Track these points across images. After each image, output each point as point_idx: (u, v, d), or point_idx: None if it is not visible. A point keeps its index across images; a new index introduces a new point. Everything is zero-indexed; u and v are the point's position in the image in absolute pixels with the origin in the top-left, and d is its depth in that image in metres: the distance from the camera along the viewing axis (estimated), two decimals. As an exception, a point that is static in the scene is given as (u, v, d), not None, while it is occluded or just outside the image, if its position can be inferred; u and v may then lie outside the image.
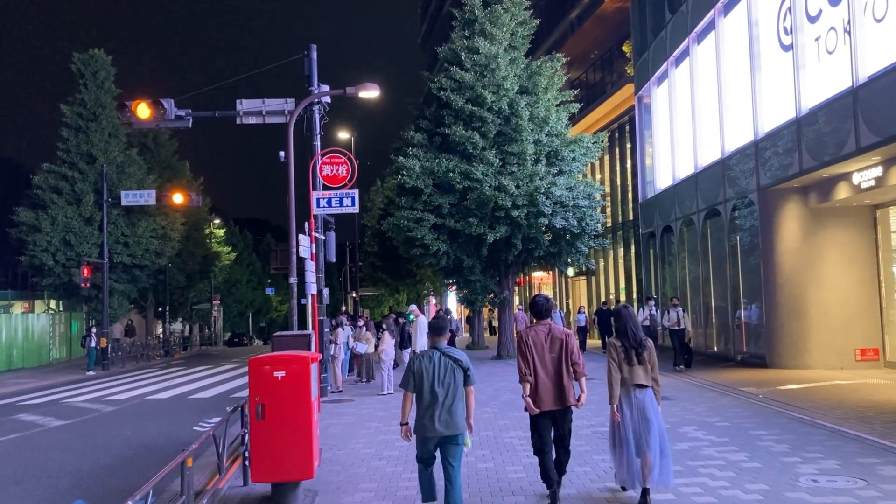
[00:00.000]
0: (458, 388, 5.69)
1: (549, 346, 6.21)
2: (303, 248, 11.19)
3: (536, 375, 6.19)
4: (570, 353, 6.24)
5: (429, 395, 5.66)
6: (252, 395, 6.78)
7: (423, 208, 20.98)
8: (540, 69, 22.25)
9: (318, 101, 14.84)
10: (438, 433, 5.63)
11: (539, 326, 6.34)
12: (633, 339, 6.26)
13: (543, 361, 6.19)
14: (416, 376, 5.74)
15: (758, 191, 16.29)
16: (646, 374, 6.23)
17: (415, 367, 5.77)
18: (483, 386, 15.30)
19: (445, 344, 5.90)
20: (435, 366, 5.70)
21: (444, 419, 5.62)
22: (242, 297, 67.12)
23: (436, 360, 5.72)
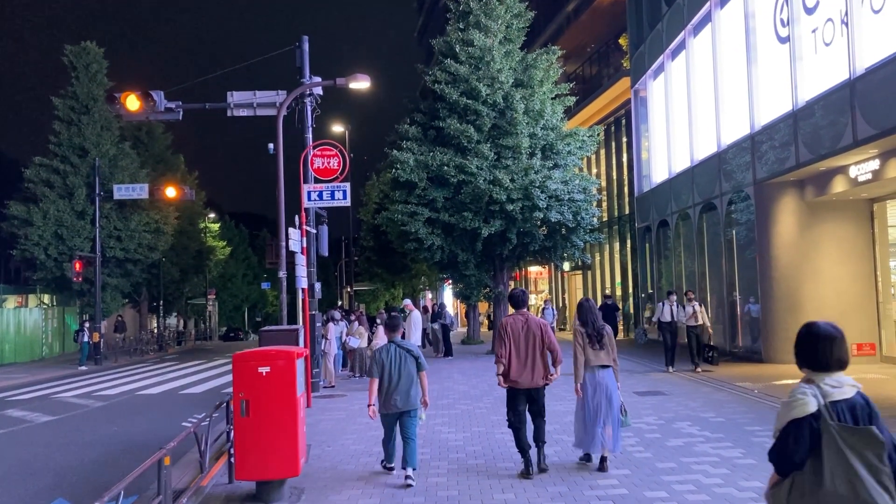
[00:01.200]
0: (412, 374, 7.10)
1: (524, 334, 7.08)
2: (293, 241, 11.03)
3: (512, 358, 7.08)
4: (548, 343, 7.15)
5: (388, 381, 7.05)
6: (236, 392, 6.64)
7: (417, 202, 20.81)
8: (535, 62, 22.06)
9: (309, 93, 14.65)
10: (397, 409, 7.05)
11: (517, 315, 7.24)
12: (593, 326, 7.35)
13: (518, 346, 7.06)
14: (379, 366, 7.10)
15: (754, 184, 16.16)
16: (607, 355, 7.30)
17: (377, 359, 7.15)
18: (477, 381, 15.17)
19: (399, 338, 7.34)
20: (392, 357, 7.11)
21: (402, 398, 7.03)
22: (238, 292, 66.88)
23: (392, 352, 7.15)
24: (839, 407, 2.83)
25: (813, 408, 2.81)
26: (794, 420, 2.84)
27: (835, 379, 2.89)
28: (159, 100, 15.02)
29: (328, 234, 16.40)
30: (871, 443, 2.75)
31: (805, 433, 2.81)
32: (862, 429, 2.79)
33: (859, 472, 2.72)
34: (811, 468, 2.81)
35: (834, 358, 2.91)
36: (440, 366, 18.83)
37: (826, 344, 2.93)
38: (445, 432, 9.67)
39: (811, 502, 2.79)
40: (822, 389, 2.86)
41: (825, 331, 2.97)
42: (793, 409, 2.85)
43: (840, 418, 2.81)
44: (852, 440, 2.76)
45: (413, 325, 16.13)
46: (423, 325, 23.53)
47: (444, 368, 18.08)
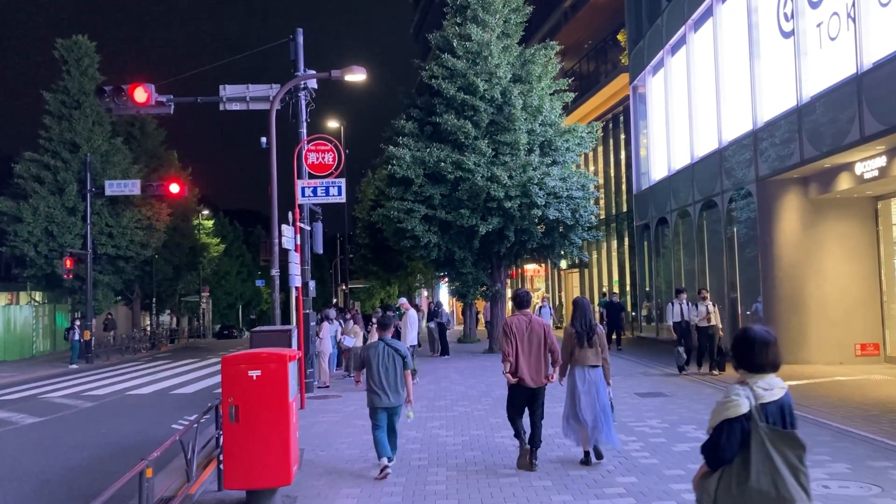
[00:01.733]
0: (399, 371, 7.35)
1: (528, 334, 7.24)
2: (286, 238, 10.72)
3: (517, 357, 7.22)
4: (549, 343, 7.32)
5: (377, 377, 7.30)
6: (225, 396, 6.33)
7: (413, 199, 20.51)
8: (533, 57, 21.77)
9: (304, 86, 14.33)
10: (384, 405, 7.32)
11: (520, 316, 7.41)
12: (586, 325, 7.47)
13: (523, 345, 7.21)
14: (366, 362, 7.41)
15: (756, 181, 15.89)
16: (595, 355, 7.46)
17: (364, 356, 7.49)
18: (474, 381, 14.88)
19: (389, 337, 7.60)
20: (380, 354, 7.35)
21: (389, 396, 7.31)
22: (232, 289, 66.47)
23: (381, 349, 7.38)
24: (769, 408, 3.04)
25: (745, 409, 3.02)
26: (727, 419, 3.04)
27: (767, 381, 3.09)
28: (151, 93, 14.67)
29: (322, 231, 16.10)
30: (795, 445, 3.00)
31: (736, 432, 3.02)
32: (788, 432, 3.01)
33: (781, 472, 2.95)
34: (739, 464, 3.02)
35: (767, 361, 3.12)
36: (436, 365, 18.53)
37: (761, 348, 3.12)
38: (443, 436, 9.37)
39: (737, 495, 3.01)
40: (754, 392, 3.06)
41: (760, 335, 3.16)
42: (727, 409, 3.05)
43: (769, 419, 3.03)
44: (778, 441, 2.98)
45: (409, 323, 15.82)
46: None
47: (440, 368, 17.79)
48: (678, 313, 14.89)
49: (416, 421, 10.44)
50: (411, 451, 8.46)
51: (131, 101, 14.73)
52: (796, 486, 2.96)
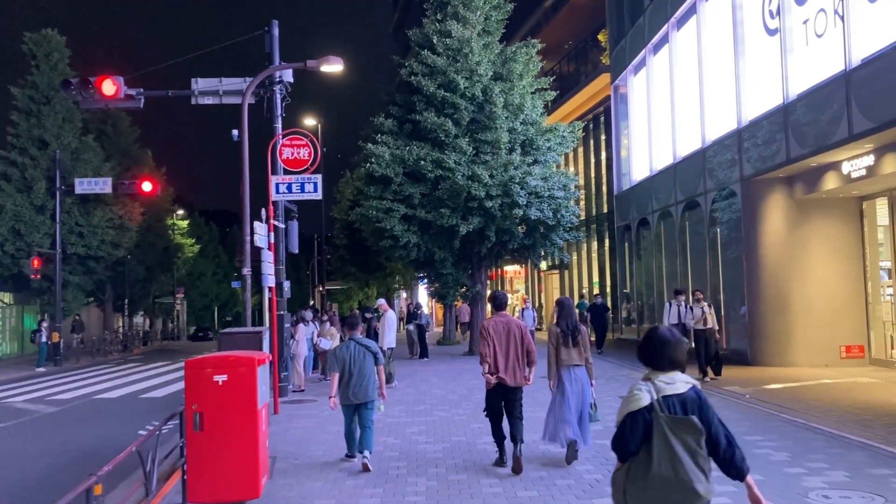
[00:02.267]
0: (370, 368, 7.62)
1: (505, 335, 7.27)
2: (259, 236, 10.26)
3: (495, 358, 7.25)
4: (527, 344, 7.34)
5: (348, 374, 7.56)
6: (189, 403, 5.89)
7: (392, 198, 20.06)
8: (515, 55, 21.43)
9: (279, 80, 13.86)
10: (356, 401, 7.59)
11: (498, 318, 7.44)
12: (570, 325, 7.57)
13: (501, 346, 7.25)
14: (340, 362, 7.61)
15: (741, 181, 15.66)
16: (580, 355, 7.55)
17: (337, 354, 7.70)
18: (454, 385, 14.48)
19: (358, 335, 7.90)
20: (351, 352, 7.63)
21: (359, 391, 7.56)
22: (208, 291, 65.51)
23: (352, 348, 7.67)
24: (671, 401, 3.21)
25: (646, 402, 3.19)
26: (629, 413, 3.22)
27: (668, 377, 3.27)
28: (120, 86, 14.13)
29: (298, 230, 15.64)
30: (692, 430, 3.13)
31: (639, 424, 3.18)
32: (684, 418, 3.15)
33: (680, 456, 3.10)
34: (643, 453, 3.17)
35: (667, 359, 3.31)
36: (415, 368, 18.11)
37: (662, 347, 3.32)
38: (423, 442, 8.96)
39: (642, 484, 3.16)
40: (656, 386, 3.24)
41: (662, 335, 3.36)
42: (629, 403, 3.24)
43: (671, 411, 3.18)
44: (676, 427, 3.13)
45: (387, 325, 15.39)
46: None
47: (419, 371, 17.37)
48: (675, 315, 14.20)
49: (395, 426, 10.04)
50: (389, 459, 8.04)
51: (99, 94, 14.18)
52: (695, 469, 3.11)
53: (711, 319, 13.53)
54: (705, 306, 13.59)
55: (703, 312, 13.52)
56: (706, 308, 13.58)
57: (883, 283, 14.48)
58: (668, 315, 14.33)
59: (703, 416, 3.20)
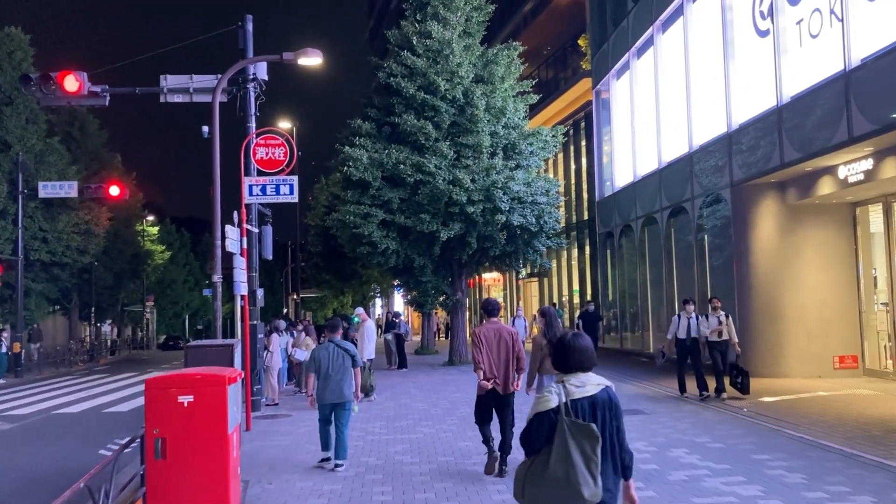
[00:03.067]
0: (347, 370, 7.96)
1: (496, 342, 7.26)
2: (230, 241, 9.56)
3: (488, 364, 7.23)
4: (517, 351, 7.32)
5: (325, 375, 7.86)
6: (149, 427, 5.19)
7: (370, 203, 19.40)
8: (496, 58, 20.92)
9: (252, 76, 13.17)
10: (332, 401, 7.88)
11: (489, 325, 7.43)
12: (555, 333, 7.47)
13: (492, 354, 7.24)
14: (317, 362, 7.93)
15: (731, 186, 15.23)
16: None
17: (316, 356, 8.02)
18: (436, 398, 13.82)
19: (338, 338, 8.15)
20: (330, 354, 7.95)
21: (336, 391, 7.85)
22: (179, 299, 64.10)
23: (331, 350, 7.98)
24: (580, 403, 3.38)
25: (554, 404, 3.37)
26: (537, 413, 3.39)
27: (579, 380, 3.45)
28: (83, 82, 13.33)
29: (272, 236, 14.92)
30: (589, 436, 3.27)
31: (544, 424, 3.35)
32: (584, 424, 3.30)
33: (574, 459, 3.24)
34: (545, 452, 3.32)
35: (574, 362, 3.48)
36: (394, 379, 17.43)
37: (570, 352, 3.50)
38: (408, 463, 8.30)
39: (538, 481, 3.32)
40: (566, 389, 3.41)
41: (570, 342, 3.54)
42: (539, 404, 3.41)
43: (578, 413, 3.35)
44: (576, 433, 3.28)
45: (367, 335, 14.71)
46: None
47: (398, 383, 16.69)
48: (684, 328, 12.38)
49: (376, 445, 9.37)
50: (372, 483, 7.38)
51: (61, 90, 13.35)
52: (585, 474, 3.24)
53: (729, 331, 12.21)
54: (722, 315, 12.25)
55: (720, 322, 12.17)
56: (723, 318, 12.21)
57: (877, 292, 14.11)
58: (677, 328, 12.51)
59: (613, 416, 3.43)
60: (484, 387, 7.20)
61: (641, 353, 20.70)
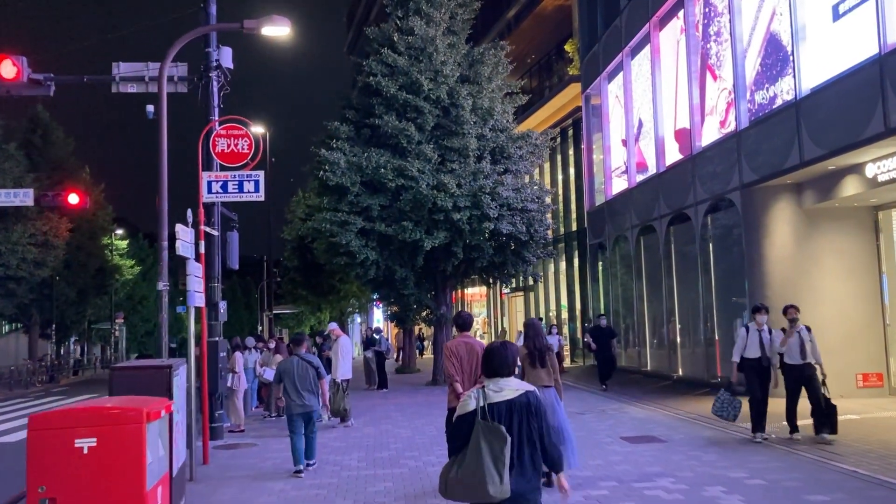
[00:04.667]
0: (313, 381, 8.47)
1: (468, 356, 7.09)
2: (182, 243, 8.13)
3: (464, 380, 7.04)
4: None
5: (292, 387, 8.36)
6: (32, 485, 3.72)
7: (349, 210, 17.99)
8: (482, 57, 19.72)
9: (215, 63, 11.76)
10: (300, 410, 8.33)
11: (461, 339, 7.29)
12: (538, 346, 7.52)
13: (464, 368, 7.09)
14: (285, 374, 8.40)
15: (740, 189, 14.01)
16: (548, 375, 7.46)
17: (282, 368, 8.49)
18: (421, 422, 12.36)
19: (303, 352, 8.65)
20: (295, 367, 8.44)
21: (302, 402, 8.35)
22: (150, 316, 61.73)
23: (295, 363, 8.48)
24: (497, 407, 3.67)
25: (472, 407, 3.68)
26: (458, 415, 3.72)
27: (498, 384, 3.75)
28: (22, 68, 11.84)
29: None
30: (498, 437, 3.57)
31: (463, 426, 3.66)
32: (494, 426, 3.60)
33: (483, 458, 3.54)
34: (463, 452, 3.63)
35: (493, 367, 3.81)
36: (374, 401, 15.95)
37: (489, 357, 3.85)
38: (392, 509, 6.86)
39: (454, 478, 3.62)
40: (485, 393, 3.72)
41: (490, 348, 3.88)
42: (459, 407, 3.74)
43: (495, 415, 3.64)
44: (488, 434, 3.57)
45: (342, 352, 13.25)
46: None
47: (378, 405, 15.22)
48: (756, 345, 9.60)
49: (353, 483, 7.93)
50: (348, 538, 5.94)
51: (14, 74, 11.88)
52: (492, 471, 3.51)
53: (813, 350, 9.47)
54: (803, 329, 9.44)
55: (801, 339, 9.37)
56: (804, 333, 9.42)
57: (902, 303, 12.92)
58: (746, 343, 9.72)
59: (530, 419, 3.66)
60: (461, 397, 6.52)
61: (637, 371, 19.38)
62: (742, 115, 14.03)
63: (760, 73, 13.67)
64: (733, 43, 14.22)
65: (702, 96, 15.95)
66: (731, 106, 14.79)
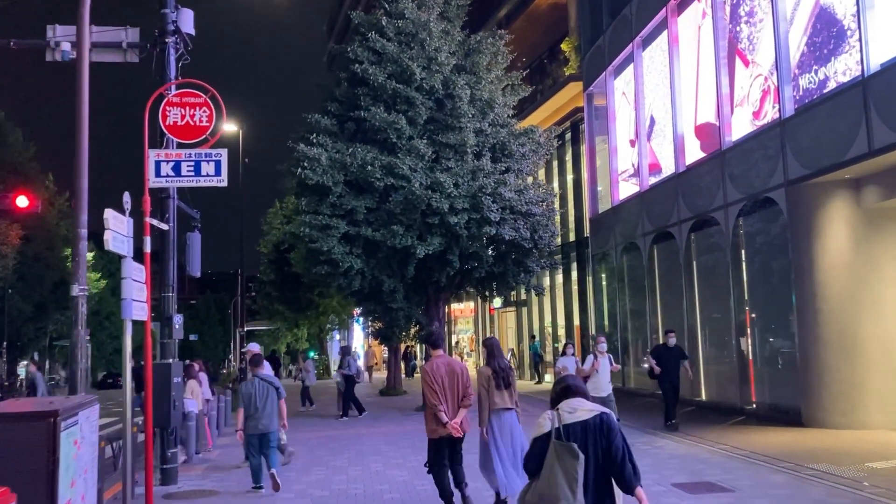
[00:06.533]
0: (273, 402, 8.56)
1: (448, 379, 6.78)
2: (113, 234, 6.02)
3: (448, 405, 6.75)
4: (466, 387, 6.84)
5: (253, 408, 8.46)
6: None
7: (330, 212, 15.92)
8: (479, 46, 17.84)
9: (172, 26, 9.71)
10: (259, 431, 8.42)
11: (438, 360, 6.93)
12: (502, 366, 7.20)
13: (444, 393, 6.75)
14: (245, 396, 8.51)
15: (785, 186, 12.16)
16: (510, 397, 7.19)
17: (243, 391, 8.59)
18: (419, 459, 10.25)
19: (263, 372, 8.77)
20: (256, 388, 8.55)
21: (263, 423, 8.44)
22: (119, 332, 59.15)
23: (256, 384, 8.58)
24: (572, 427, 3.72)
25: (547, 429, 3.76)
26: (533, 437, 3.82)
27: (571, 406, 3.81)
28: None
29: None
30: (571, 456, 3.62)
31: (538, 447, 3.76)
32: (567, 445, 3.65)
33: (557, 477, 3.61)
34: (539, 471, 3.70)
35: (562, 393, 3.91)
36: (358, 430, 13.78)
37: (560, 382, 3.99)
38: None
39: (530, 497, 3.72)
40: (560, 415, 3.77)
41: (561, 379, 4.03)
42: (535, 430, 3.82)
43: (570, 436, 3.69)
44: (561, 452, 3.64)
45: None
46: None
47: (364, 436, 13.07)
48: None
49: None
50: None
51: None
52: (565, 489, 3.57)
53: None
54: None
55: None
56: None
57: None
58: None
59: (607, 438, 3.70)
60: (453, 432, 6.66)
61: (651, 394, 17.41)
62: (786, 103, 12.21)
63: (807, 54, 11.89)
64: (775, 22, 12.42)
65: (731, 85, 14.18)
66: (766, 94, 13.04)
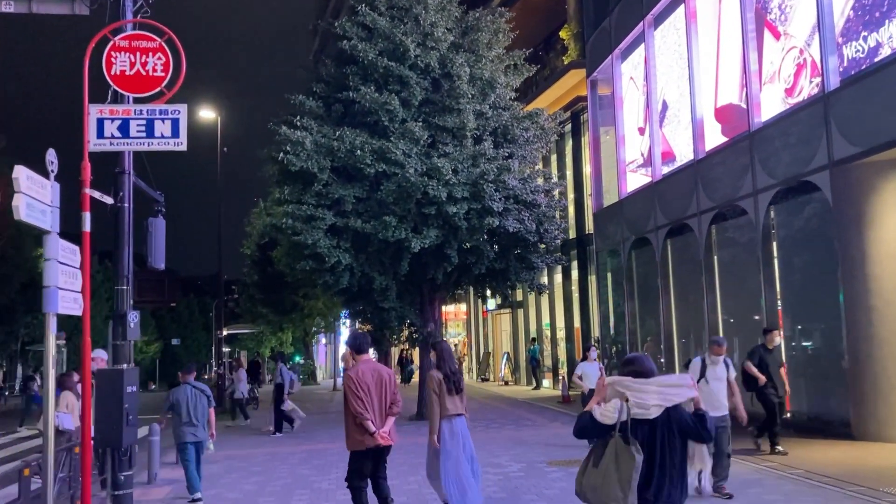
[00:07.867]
0: (205, 410, 8.58)
1: (375, 386, 6.34)
2: (26, 200, 4.48)
3: (375, 415, 6.34)
4: (394, 393, 6.46)
5: (186, 416, 8.41)
6: None
7: (316, 202, 14.41)
8: (478, 24, 16.42)
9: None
10: (195, 440, 8.46)
11: (365, 365, 6.45)
12: (453, 370, 6.99)
13: (372, 402, 6.31)
14: (177, 403, 8.46)
15: (829, 168, 10.79)
16: (462, 402, 6.98)
17: (173, 399, 8.55)
18: (415, 480, 8.76)
19: (193, 380, 8.76)
20: (188, 396, 8.51)
21: (198, 430, 8.47)
22: (98, 336, 57.07)
23: (188, 392, 8.56)
24: (640, 426, 3.71)
25: (612, 421, 3.75)
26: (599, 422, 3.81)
27: (640, 397, 3.75)
28: None
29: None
30: (629, 458, 3.66)
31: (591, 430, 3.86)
32: (626, 448, 3.67)
33: (610, 474, 3.67)
34: (599, 450, 3.79)
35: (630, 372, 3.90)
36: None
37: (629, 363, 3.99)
38: None
39: (587, 472, 3.81)
40: (628, 408, 3.73)
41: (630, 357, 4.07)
42: (603, 415, 3.81)
43: (637, 433, 3.70)
44: (621, 451, 3.68)
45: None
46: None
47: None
48: None
49: None
50: None
51: None
52: (617, 491, 3.63)
53: None
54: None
55: None
56: None
57: None
58: None
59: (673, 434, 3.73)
60: (379, 443, 6.23)
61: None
62: (830, 75, 10.85)
63: (853, 20, 10.55)
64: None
65: (759, 61, 12.83)
66: (801, 68, 11.71)
